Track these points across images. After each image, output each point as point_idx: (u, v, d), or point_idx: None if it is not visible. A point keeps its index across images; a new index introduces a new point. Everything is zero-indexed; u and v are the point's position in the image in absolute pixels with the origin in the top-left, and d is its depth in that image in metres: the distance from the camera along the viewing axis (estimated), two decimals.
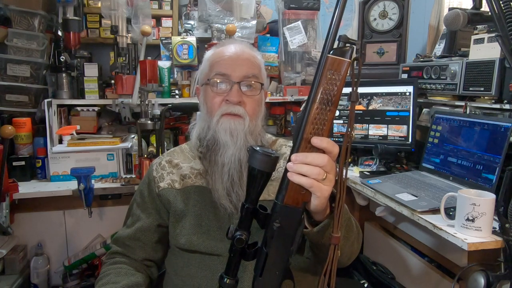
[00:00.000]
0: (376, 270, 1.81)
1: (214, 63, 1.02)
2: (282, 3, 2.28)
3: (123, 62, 1.99)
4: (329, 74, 0.68)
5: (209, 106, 1.01)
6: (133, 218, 1.10)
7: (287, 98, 2.27)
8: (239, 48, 1.03)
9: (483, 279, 1.15)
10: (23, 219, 1.98)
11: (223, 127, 0.97)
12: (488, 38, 1.57)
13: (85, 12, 2.23)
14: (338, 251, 0.72)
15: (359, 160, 1.98)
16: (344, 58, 0.67)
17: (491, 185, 1.39)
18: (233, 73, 0.99)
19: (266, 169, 0.73)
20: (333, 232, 0.72)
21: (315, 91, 0.69)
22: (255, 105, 1.01)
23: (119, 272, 1.02)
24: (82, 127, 2.08)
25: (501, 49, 0.95)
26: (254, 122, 1.00)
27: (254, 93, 1.01)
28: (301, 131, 0.70)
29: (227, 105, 0.98)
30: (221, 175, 0.98)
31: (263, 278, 0.74)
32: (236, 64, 1.00)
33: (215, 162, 0.99)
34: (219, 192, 0.98)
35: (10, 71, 1.95)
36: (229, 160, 0.97)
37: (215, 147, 0.99)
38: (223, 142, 0.97)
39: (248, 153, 0.74)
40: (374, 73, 2.15)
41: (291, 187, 0.70)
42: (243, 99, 0.99)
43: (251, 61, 1.02)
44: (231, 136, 0.97)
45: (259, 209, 0.75)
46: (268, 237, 0.73)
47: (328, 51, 0.68)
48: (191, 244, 0.99)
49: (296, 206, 0.71)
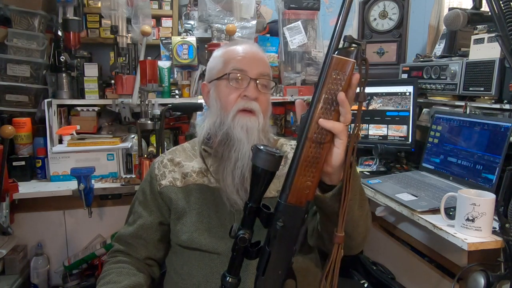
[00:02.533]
0: (376, 270, 1.81)
1: (230, 59, 1.02)
2: (282, 3, 2.28)
3: (123, 62, 1.99)
4: (334, 74, 0.68)
5: (224, 101, 1.01)
6: (135, 216, 1.10)
7: (287, 98, 2.27)
8: (254, 48, 1.06)
9: (483, 279, 1.14)
10: (23, 219, 1.98)
11: (240, 124, 0.98)
12: (488, 38, 1.57)
13: (85, 12, 2.23)
14: (341, 250, 0.72)
15: (359, 160, 1.98)
16: (349, 59, 0.67)
17: (491, 185, 1.39)
18: (251, 70, 1.00)
19: (270, 168, 0.73)
20: (337, 231, 0.72)
21: (320, 91, 0.69)
22: (267, 103, 1.03)
23: (120, 272, 1.02)
24: (82, 127, 2.08)
25: (501, 49, 0.95)
26: (266, 119, 1.02)
27: (268, 91, 1.04)
28: (305, 131, 0.70)
29: (244, 101, 0.99)
30: (232, 171, 0.97)
31: (265, 277, 0.74)
32: (253, 61, 1.02)
33: (228, 157, 0.98)
34: (229, 188, 0.97)
35: (10, 71, 1.95)
36: (242, 156, 0.97)
37: (229, 143, 0.99)
38: (238, 138, 0.97)
39: (252, 152, 0.74)
40: (374, 73, 2.15)
41: (295, 186, 0.70)
42: (259, 95, 1.00)
43: (264, 61, 1.05)
44: (247, 133, 0.97)
45: (262, 208, 0.75)
46: (271, 236, 0.73)
47: (333, 51, 0.68)
48: (192, 241, 1.00)
49: (299, 206, 0.71)
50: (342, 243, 0.72)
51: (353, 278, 1.89)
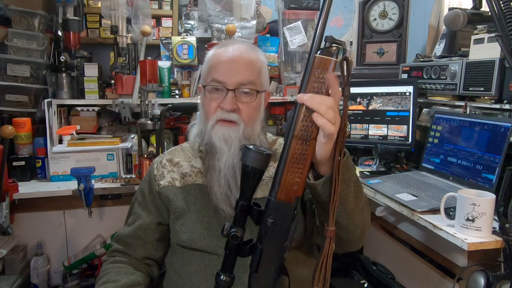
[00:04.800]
0: (376, 270, 1.80)
1: (212, 67, 1.01)
2: (282, 3, 2.29)
3: (123, 62, 1.99)
4: (317, 73, 0.70)
5: (206, 110, 1.01)
6: (134, 216, 1.10)
7: (287, 98, 2.27)
8: (237, 52, 1.00)
9: (483, 279, 1.14)
10: (23, 219, 1.98)
11: (217, 134, 0.97)
12: (488, 38, 1.57)
13: (85, 12, 2.23)
14: (333, 244, 0.73)
15: (359, 160, 1.98)
16: (331, 58, 0.70)
17: (491, 185, 1.39)
18: (229, 80, 0.97)
19: (259, 166, 0.75)
20: (328, 225, 0.73)
21: (304, 89, 0.71)
22: (251, 111, 1.00)
23: (119, 271, 1.02)
24: (82, 127, 2.08)
25: (501, 49, 0.95)
26: (250, 127, 1.00)
27: (250, 99, 0.99)
28: (291, 129, 0.72)
29: (221, 112, 0.98)
30: (218, 179, 0.98)
31: (258, 274, 0.75)
32: (232, 70, 0.98)
33: (213, 166, 1.00)
34: (217, 196, 0.98)
35: (10, 71, 1.95)
36: (224, 165, 0.97)
37: (213, 151, 0.99)
38: (218, 147, 0.98)
39: (241, 152, 0.76)
40: (374, 73, 2.15)
41: (284, 183, 0.72)
42: (238, 106, 0.98)
43: (248, 66, 0.99)
44: (226, 143, 0.97)
45: (253, 206, 0.76)
46: (263, 233, 0.74)
47: (315, 51, 0.71)
48: (192, 241, 1.00)
49: (289, 202, 0.73)
50: (333, 237, 0.73)
51: (353, 278, 1.89)
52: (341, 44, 0.71)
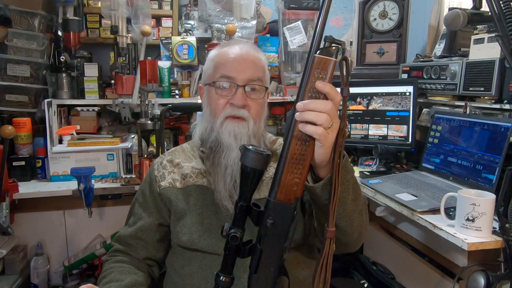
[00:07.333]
0: (376, 270, 1.80)
1: (219, 64, 1.01)
2: (282, 3, 2.29)
3: (123, 62, 1.99)
4: (316, 73, 0.70)
5: (213, 108, 1.01)
6: (135, 217, 1.10)
7: (287, 98, 2.27)
8: (244, 50, 1.02)
9: (483, 279, 1.15)
10: (23, 219, 1.98)
11: (227, 130, 0.97)
12: (488, 38, 1.56)
13: (85, 12, 2.23)
14: (333, 245, 0.73)
15: (359, 160, 1.98)
16: (330, 57, 0.70)
17: (491, 185, 1.39)
18: (238, 76, 0.98)
19: (259, 167, 0.74)
20: (327, 226, 0.73)
21: (304, 89, 0.71)
22: (259, 108, 1.01)
23: (122, 271, 1.02)
24: (82, 127, 2.09)
25: (501, 49, 0.95)
26: (258, 124, 1.00)
27: (259, 96, 1.01)
28: (291, 129, 0.72)
29: (231, 108, 0.98)
30: (223, 177, 0.98)
31: (258, 275, 0.75)
32: (242, 67, 0.99)
33: (218, 164, 0.99)
34: (221, 194, 0.98)
35: (10, 71, 1.95)
36: (232, 162, 0.97)
37: (219, 149, 0.99)
38: (226, 144, 0.98)
39: (241, 152, 0.76)
40: (374, 73, 2.15)
41: (283, 183, 0.72)
42: (248, 102, 0.99)
43: (256, 64, 1.01)
44: (235, 139, 0.97)
45: (252, 207, 0.76)
46: (262, 234, 0.74)
47: (315, 51, 0.70)
48: (193, 242, 1.00)
49: (288, 203, 0.73)
50: (334, 237, 0.73)
51: (353, 278, 1.89)
52: (341, 44, 0.71)
